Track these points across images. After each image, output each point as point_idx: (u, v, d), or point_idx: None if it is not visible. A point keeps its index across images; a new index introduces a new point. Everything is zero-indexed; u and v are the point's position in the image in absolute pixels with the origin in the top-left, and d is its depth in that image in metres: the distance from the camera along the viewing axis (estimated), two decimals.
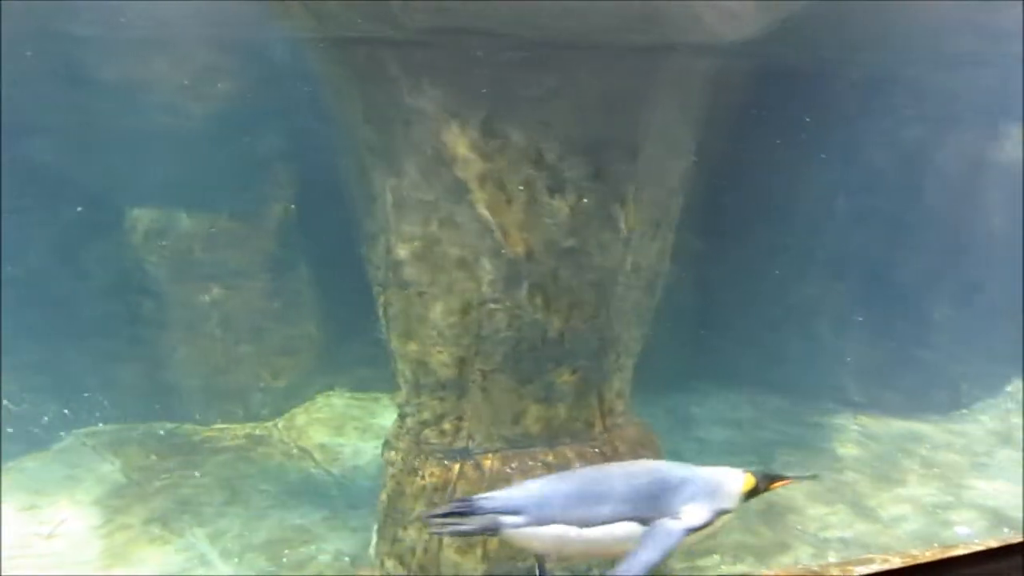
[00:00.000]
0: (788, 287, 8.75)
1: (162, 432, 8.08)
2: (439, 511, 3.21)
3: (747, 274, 8.67)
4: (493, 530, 3.15)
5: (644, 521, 3.09)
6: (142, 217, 7.83)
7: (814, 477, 6.32)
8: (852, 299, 8.69)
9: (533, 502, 3.16)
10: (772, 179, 8.22)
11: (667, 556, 2.98)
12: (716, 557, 6.44)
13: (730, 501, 3.18)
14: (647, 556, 2.96)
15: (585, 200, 5.06)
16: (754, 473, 3.26)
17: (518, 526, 3.12)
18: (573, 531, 3.13)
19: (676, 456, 7.35)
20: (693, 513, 3.10)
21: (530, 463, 5.39)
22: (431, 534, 3.43)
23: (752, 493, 3.26)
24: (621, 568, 2.96)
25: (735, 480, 3.26)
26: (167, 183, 7.60)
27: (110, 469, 7.43)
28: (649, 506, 3.12)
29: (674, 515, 3.08)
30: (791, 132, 7.85)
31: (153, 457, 7.66)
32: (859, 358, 8.71)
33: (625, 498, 3.13)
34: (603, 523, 3.11)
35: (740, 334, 8.84)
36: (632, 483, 3.21)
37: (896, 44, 7.16)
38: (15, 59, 6.67)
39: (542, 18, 4.46)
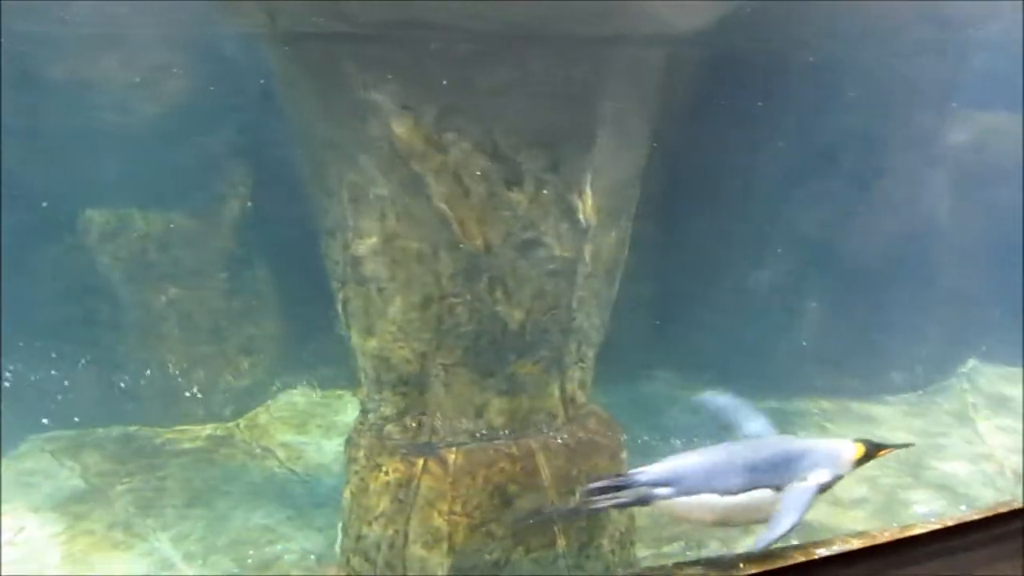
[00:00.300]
0: (746, 274, 8.83)
1: (122, 435, 7.96)
2: (598, 485, 3.51)
3: (706, 262, 8.73)
4: (645, 501, 3.48)
5: (776, 487, 3.42)
6: (95, 218, 7.71)
7: (910, 445, 6.64)
8: (810, 285, 8.79)
9: (681, 474, 3.47)
10: (728, 167, 8.28)
11: (804, 514, 3.35)
12: (681, 543, 6.50)
13: (845, 467, 3.51)
14: (790, 515, 3.33)
15: (543, 192, 5.07)
16: (863, 442, 3.54)
17: (668, 496, 3.45)
18: (716, 499, 3.44)
19: (640, 442, 7.42)
20: (817, 477, 3.44)
21: (493, 455, 5.40)
22: (591, 508, 3.66)
23: (862, 460, 3.54)
24: (771, 530, 3.30)
25: (848, 449, 3.55)
26: (120, 183, 7.49)
27: (69, 475, 7.32)
28: (780, 474, 3.44)
29: (801, 480, 3.42)
30: (745, 120, 7.92)
31: (113, 461, 7.55)
32: (817, 343, 8.82)
33: (760, 467, 3.45)
34: (741, 491, 3.42)
35: (700, 321, 8.91)
36: (765, 454, 3.53)
37: (848, 32, 7.25)
38: None
39: (495, 10, 4.45)
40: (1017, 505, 2.86)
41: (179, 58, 7.37)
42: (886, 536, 2.85)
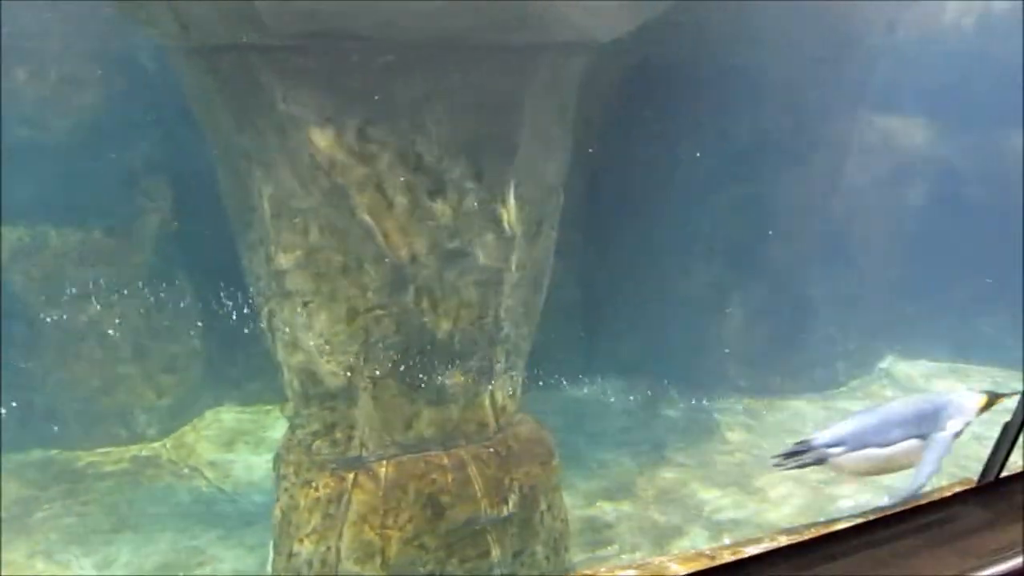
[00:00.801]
0: (671, 278, 8.95)
1: (41, 460, 7.71)
2: (784, 452, 4.06)
3: (630, 267, 8.84)
4: (822, 460, 4.00)
5: (922, 437, 3.94)
6: (7, 236, 7.47)
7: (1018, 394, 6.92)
8: (732, 286, 8.95)
9: (848, 434, 4.01)
10: (649, 173, 8.40)
11: (944, 457, 3.83)
12: (615, 546, 6.56)
13: (972, 415, 4.01)
14: (935, 459, 3.80)
15: (467, 202, 5.07)
16: (987, 393, 4.04)
17: (840, 454, 3.97)
18: (877, 452, 3.97)
19: (571, 448, 7.47)
20: (953, 426, 3.94)
21: (424, 467, 5.38)
22: (778, 469, 4.12)
23: (984, 408, 4.02)
24: (920, 472, 3.75)
25: (975, 399, 4.05)
26: (33, 199, 7.27)
27: None
28: (925, 425, 3.97)
29: (941, 429, 3.94)
30: (665, 126, 8.04)
31: (33, 487, 7.31)
32: (741, 343, 8.99)
33: (909, 421, 3.98)
34: (897, 442, 3.94)
35: (627, 326, 9.01)
36: (911, 410, 4.08)
37: (762, 40, 7.42)
38: None
39: (410, 20, 4.44)
40: (937, 496, 2.97)
41: (91, 71, 7.18)
42: (812, 532, 2.91)
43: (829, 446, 4.06)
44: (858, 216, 9.03)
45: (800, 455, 4.09)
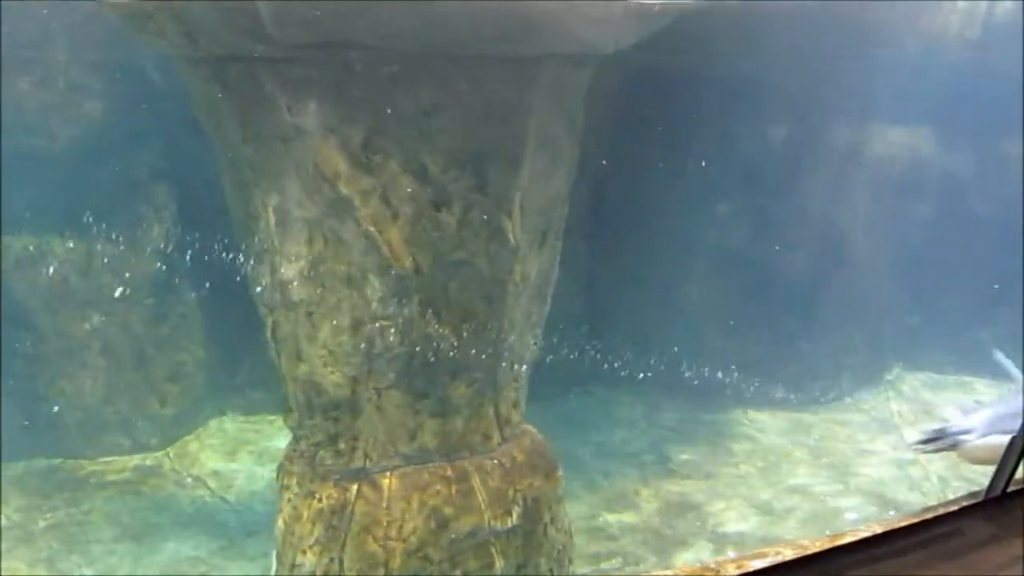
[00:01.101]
0: (674, 287, 8.94)
1: (44, 469, 7.71)
2: (923, 438, 4.40)
3: (634, 277, 8.82)
4: (955, 445, 4.29)
5: None
6: (12, 244, 7.47)
7: None
8: (737, 296, 8.93)
9: (978, 423, 4.29)
10: (654, 183, 8.39)
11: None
12: (619, 559, 6.53)
13: None
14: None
15: (471, 212, 5.06)
16: None
17: (969, 441, 4.26)
18: (1003, 438, 3.95)
19: (575, 459, 7.45)
20: None
21: (428, 478, 5.36)
22: (917, 452, 4.39)
23: None
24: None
25: None
26: (38, 208, 7.27)
27: None
28: None
29: None
30: (670, 137, 8.03)
31: (35, 496, 7.30)
32: (746, 354, 8.95)
33: None
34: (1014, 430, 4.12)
35: (631, 336, 8.98)
36: None
37: (768, 50, 7.41)
38: None
39: (418, 31, 4.44)
40: (943, 510, 2.94)
41: (96, 81, 7.20)
42: (818, 545, 2.89)
43: (962, 433, 4.36)
44: (863, 227, 9.01)
45: (936, 441, 4.41)
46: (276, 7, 4.23)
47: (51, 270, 7.51)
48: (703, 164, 8.41)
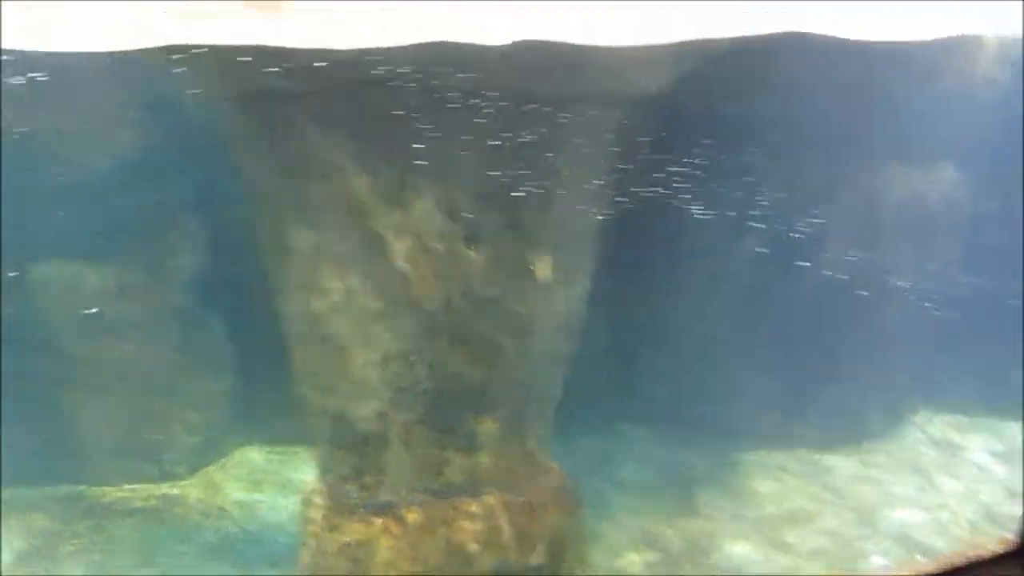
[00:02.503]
0: (699, 326, 8.90)
1: (69, 495, 7.75)
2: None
3: (660, 314, 8.81)
4: None
5: None
6: (44, 271, 7.57)
7: None
8: (763, 336, 8.88)
9: None
10: (681, 221, 8.39)
11: None
12: None
13: None
14: None
15: (502, 249, 5.10)
16: None
17: None
18: None
19: (599, 497, 7.41)
20: None
21: (453, 513, 5.36)
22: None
23: None
24: None
25: None
26: (70, 237, 7.37)
27: (14, 536, 7.10)
28: None
29: None
30: (696, 174, 8.04)
31: (60, 522, 7.34)
32: (771, 394, 8.89)
33: None
34: None
35: (656, 374, 8.96)
36: None
37: (796, 92, 7.44)
38: None
39: (446, 67, 4.51)
40: (974, 556, 2.90)
41: (133, 112, 7.31)
42: None
43: None
44: (890, 267, 8.97)
45: None
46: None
47: (81, 298, 7.59)
48: (727, 200, 8.41)
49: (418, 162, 4.84)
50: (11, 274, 7.36)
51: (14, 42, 4.37)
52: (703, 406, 8.91)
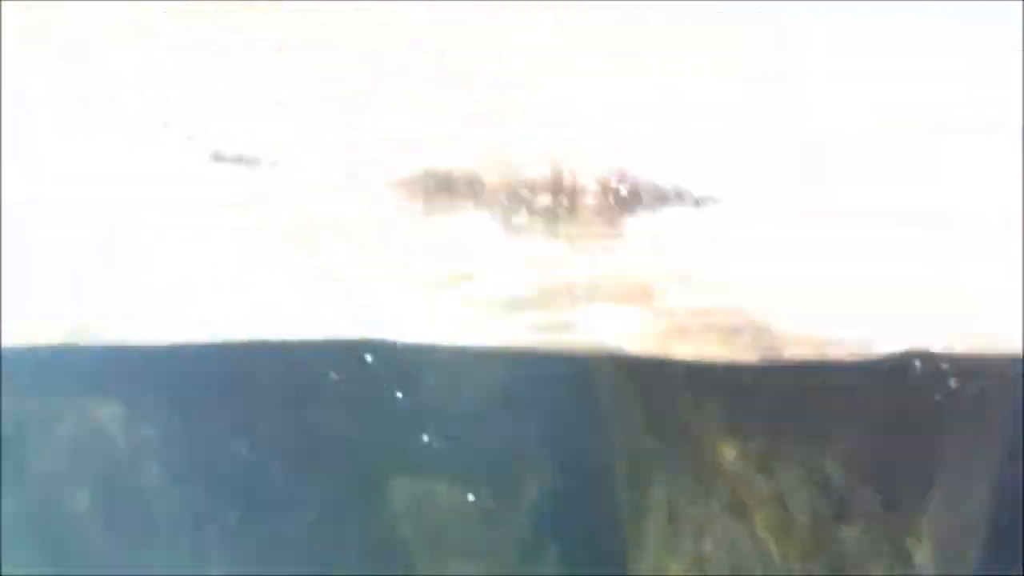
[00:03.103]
0: None
1: None
2: None
3: None
4: None
5: None
6: (404, 488, 8.03)
7: None
8: None
9: None
10: None
11: None
12: None
13: None
14: None
15: (874, 530, 4.72)
16: None
17: None
18: None
19: None
20: None
21: None
22: None
23: None
24: None
25: None
26: (429, 454, 7.81)
27: None
28: None
29: None
30: None
31: None
32: None
33: None
34: None
35: None
36: None
37: None
38: None
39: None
40: None
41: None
42: None
43: None
44: None
45: None
46: None
47: (434, 516, 7.93)
48: None
49: (788, 430, 4.69)
50: None
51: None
52: None
